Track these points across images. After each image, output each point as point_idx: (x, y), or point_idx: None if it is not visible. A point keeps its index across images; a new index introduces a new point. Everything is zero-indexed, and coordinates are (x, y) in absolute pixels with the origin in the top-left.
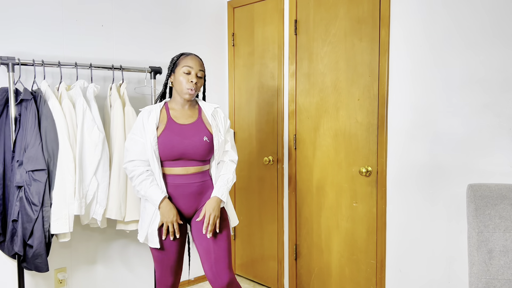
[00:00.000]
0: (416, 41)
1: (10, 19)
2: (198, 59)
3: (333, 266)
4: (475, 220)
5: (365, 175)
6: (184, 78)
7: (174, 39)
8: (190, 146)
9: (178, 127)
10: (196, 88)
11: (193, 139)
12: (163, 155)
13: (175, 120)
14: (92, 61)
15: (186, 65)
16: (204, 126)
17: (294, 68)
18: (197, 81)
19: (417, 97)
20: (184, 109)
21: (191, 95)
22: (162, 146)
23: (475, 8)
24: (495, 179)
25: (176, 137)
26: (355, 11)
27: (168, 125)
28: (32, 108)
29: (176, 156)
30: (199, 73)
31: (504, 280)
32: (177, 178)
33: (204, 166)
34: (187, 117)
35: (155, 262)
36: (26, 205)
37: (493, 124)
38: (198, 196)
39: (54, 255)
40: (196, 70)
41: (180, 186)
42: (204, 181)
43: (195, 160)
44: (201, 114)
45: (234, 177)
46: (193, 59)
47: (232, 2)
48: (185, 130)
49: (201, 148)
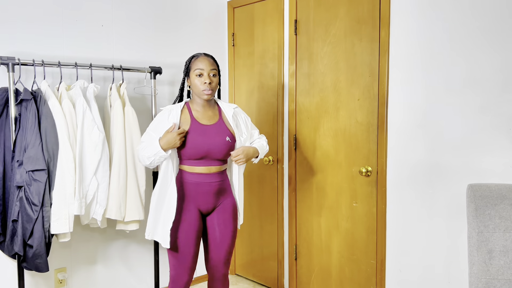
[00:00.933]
0: (416, 41)
1: (10, 19)
2: (209, 59)
3: (333, 266)
4: (475, 220)
5: (365, 175)
6: (198, 81)
7: (174, 39)
8: (213, 146)
9: (202, 128)
10: (211, 87)
11: (216, 139)
12: (187, 154)
13: (199, 121)
14: (92, 61)
15: (198, 68)
16: (226, 127)
17: (294, 68)
18: (210, 80)
19: (417, 97)
20: (205, 109)
21: (208, 95)
22: (187, 145)
23: (475, 8)
24: (495, 179)
25: (200, 137)
26: (355, 11)
27: (192, 126)
28: (32, 108)
29: (199, 156)
30: (212, 72)
31: (504, 280)
32: (199, 176)
33: (223, 165)
34: (209, 118)
35: (171, 261)
36: (26, 205)
37: (493, 124)
38: (217, 194)
39: (54, 255)
40: (208, 71)
41: (201, 185)
42: (223, 180)
43: (217, 160)
44: (222, 115)
45: (267, 147)
46: (204, 60)
47: (232, 2)
48: (209, 131)
49: (224, 148)
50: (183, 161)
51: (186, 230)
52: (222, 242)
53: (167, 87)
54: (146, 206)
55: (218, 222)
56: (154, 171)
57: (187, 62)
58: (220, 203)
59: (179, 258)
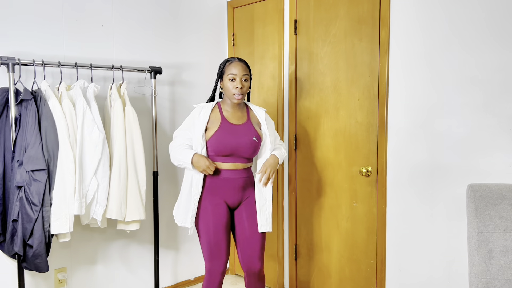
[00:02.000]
0: (416, 41)
1: (10, 19)
2: (242, 64)
3: (333, 266)
4: (475, 220)
5: (365, 175)
6: (231, 85)
7: (174, 39)
8: (241, 144)
9: (231, 127)
10: (242, 92)
11: (244, 138)
12: (216, 151)
13: (228, 120)
14: (92, 61)
15: (231, 73)
16: (253, 127)
17: (294, 68)
18: (242, 85)
19: (417, 97)
20: (235, 110)
21: (239, 100)
22: (216, 143)
23: (475, 9)
24: (495, 179)
25: (229, 136)
26: (355, 11)
27: (222, 125)
28: (32, 108)
29: (227, 153)
30: (244, 77)
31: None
32: (226, 172)
33: (249, 163)
34: (238, 118)
35: (205, 253)
36: (26, 205)
37: (492, 124)
38: (243, 189)
39: (54, 255)
40: (240, 76)
41: (229, 180)
42: (248, 176)
43: (243, 158)
44: (249, 116)
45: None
46: (237, 66)
47: (232, 2)
48: (237, 130)
49: (251, 147)
50: (212, 157)
51: (216, 223)
52: (253, 236)
53: (167, 87)
54: (146, 206)
55: (246, 215)
56: (154, 171)
57: (221, 66)
58: (246, 197)
59: (212, 249)
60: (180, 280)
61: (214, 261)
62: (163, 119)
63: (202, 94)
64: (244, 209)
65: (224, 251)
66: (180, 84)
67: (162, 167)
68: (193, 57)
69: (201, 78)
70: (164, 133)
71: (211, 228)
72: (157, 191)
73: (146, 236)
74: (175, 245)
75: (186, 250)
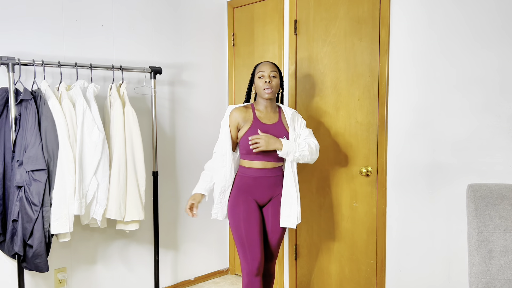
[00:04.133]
0: (416, 41)
1: (10, 19)
2: (269, 63)
3: (333, 266)
4: (475, 220)
5: (365, 175)
6: (260, 82)
7: (174, 39)
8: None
9: (262, 126)
10: (272, 86)
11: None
12: (246, 149)
13: (260, 120)
14: (92, 61)
15: (260, 71)
16: (284, 127)
17: (294, 68)
18: (270, 80)
19: (417, 97)
20: (267, 111)
21: (269, 94)
22: (247, 141)
23: (475, 9)
24: (495, 179)
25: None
26: (355, 11)
27: (254, 124)
28: (32, 108)
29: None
30: (272, 73)
31: (504, 280)
32: (256, 171)
33: (279, 162)
34: (269, 118)
35: (241, 252)
36: (26, 205)
37: (492, 124)
38: (272, 188)
39: (54, 255)
40: (268, 72)
41: (258, 178)
42: (278, 175)
43: (273, 157)
44: (281, 117)
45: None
46: (265, 64)
47: (232, 2)
48: (268, 129)
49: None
50: (243, 155)
51: (249, 220)
52: (273, 234)
53: (167, 87)
54: (146, 206)
55: (272, 213)
56: (154, 171)
57: (254, 69)
58: (275, 196)
59: (247, 247)
60: (180, 280)
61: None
62: (163, 119)
63: (202, 94)
64: (271, 207)
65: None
66: (180, 84)
67: (162, 167)
68: (193, 57)
69: (201, 78)
70: (164, 133)
71: (245, 227)
72: (157, 191)
73: (146, 236)
74: (175, 245)
75: (186, 250)
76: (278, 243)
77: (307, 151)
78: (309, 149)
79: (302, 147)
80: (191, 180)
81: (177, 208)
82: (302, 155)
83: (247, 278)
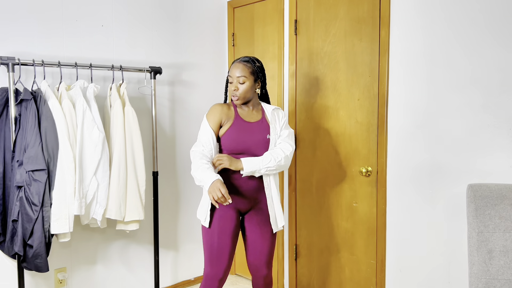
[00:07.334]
0: (416, 41)
1: (10, 19)
2: (240, 65)
3: (333, 266)
4: (475, 220)
5: (365, 175)
6: (229, 87)
7: (174, 39)
8: (254, 142)
9: (244, 124)
10: (238, 94)
11: (258, 136)
12: (228, 149)
13: (243, 118)
14: (92, 61)
15: (229, 75)
16: (267, 125)
17: (294, 68)
18: (236, 88)
19: (417, 97)
20: (249, 109)
21: (238, 101)
22: (229, 140)
23: (474, 8)
24: (495, 179)
25: (242, 133)
26: (355, 11)
27: (235, 121)
28: (32, 108)
29: (239, 150)
30: (241, 79)
31: (504, 280)
32: (237, 172)
33: None
34: (252, 116)
35: (206, 257)
36: (26, 205)
37: (492, 124)
38: (255, 192)
39: (54, 255)
40: (235, 78)
41: (240, 182)
42: (261, 178)
43: (256, 156)
44: (265, 114)
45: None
46: (234, 68)
47: (232, 2)
48: (251, 128)
49: (264, 145)
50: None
51: (222, 227)
52: (263, 244)
53: (167, 87)
54: (146, 206)
55: (258, 220)
56: (154, 171)
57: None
58: (258, 201)
59: (214, 254)
60: (180, 280)
61: (214, 267)
62: (163, 119)
63: (202, 94)
64: (255, 214)
65: (226, 257)
66: (180, 84)
67: (162, 167)
68: (193, 57)
69: (201, 78)
70: (164, 133)
71: (216, 232)
72: (157, 191)
73: (146, 236)
74: (175, 245)
75: (186, 250)
76: (271, 250)
77: (274, 165)
78: (276, 162)
79: (267, 162)
80: (191, 180)
81: (177, 208)
82: (268, 170)
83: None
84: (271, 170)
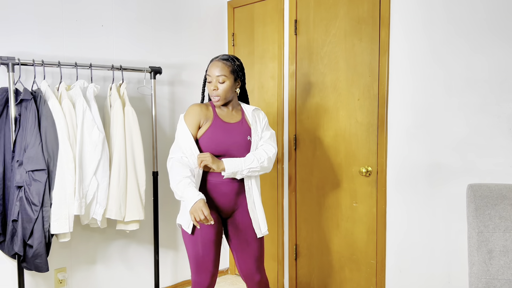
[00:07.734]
0: (416, 41)
1: (10, 19)
2: (219, 64)
3: (333, 266)
4: (475, 220)
5: (365, 175)
6: (208, 86)
7: (174, 39)
8: (234, 144)
9: (224, 125)
10: (218, 94)
11: (238, 137)
12: (207, 150)
13: (222, 119)
14: (92, 61)
15: (208, 74)
16: (248, 126)
17: (294, 68)
18: (216, 88)
19: (417, 97)
20: (228, 109)
21: (218, 102)
22: (208, 141)
23: (475, 8)
24: (495, 179)
25: (222, 134)
26: (355, 11)
27: (214, 122)
28: (32, 108)
29: (220, 152)
30: (220, 78)
31: (504, 280)
32: (218, 176)
33: None
34: (231, 116)
35: (192, 265)
36: (26, 205)
37: (492, 124)
38: (236, 196)
39: (54, 255)
40: (214, 77)
41: (221, 185)
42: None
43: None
44: (245, 115)
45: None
46: (212, 66)
47: (232, 2)
48: (231, 129)
49: (245, 146)
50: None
51: (205, 236)
52: (249, 249)
53: (167, 87)
54: (146, 206)
55: (241, 226)
56: (154, 171)
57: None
58: (239, 205)
59: (199, 262)
60: (180, 280)
61: (201, 274)
62: (163, 119)
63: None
64: (238, 218)
65: (211, 264)
66: (180, 84)
67: (162, 167)
68: (193, 57)
69: (201, 78)
70: (164, 133)
71: (200, 241)
72: (157, 191)
73: (146, 236)
74: (175, 245)
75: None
76: (260, 254)
77: (256, 166)
78: (259, 163)
79: (249, 162)
80: None
81: (177, 208)
82: (251, 171)
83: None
84: (254, 171)
